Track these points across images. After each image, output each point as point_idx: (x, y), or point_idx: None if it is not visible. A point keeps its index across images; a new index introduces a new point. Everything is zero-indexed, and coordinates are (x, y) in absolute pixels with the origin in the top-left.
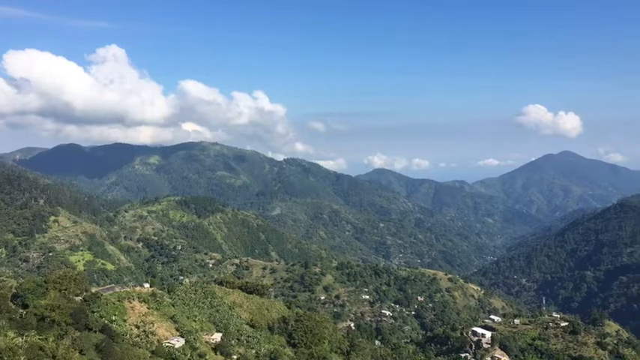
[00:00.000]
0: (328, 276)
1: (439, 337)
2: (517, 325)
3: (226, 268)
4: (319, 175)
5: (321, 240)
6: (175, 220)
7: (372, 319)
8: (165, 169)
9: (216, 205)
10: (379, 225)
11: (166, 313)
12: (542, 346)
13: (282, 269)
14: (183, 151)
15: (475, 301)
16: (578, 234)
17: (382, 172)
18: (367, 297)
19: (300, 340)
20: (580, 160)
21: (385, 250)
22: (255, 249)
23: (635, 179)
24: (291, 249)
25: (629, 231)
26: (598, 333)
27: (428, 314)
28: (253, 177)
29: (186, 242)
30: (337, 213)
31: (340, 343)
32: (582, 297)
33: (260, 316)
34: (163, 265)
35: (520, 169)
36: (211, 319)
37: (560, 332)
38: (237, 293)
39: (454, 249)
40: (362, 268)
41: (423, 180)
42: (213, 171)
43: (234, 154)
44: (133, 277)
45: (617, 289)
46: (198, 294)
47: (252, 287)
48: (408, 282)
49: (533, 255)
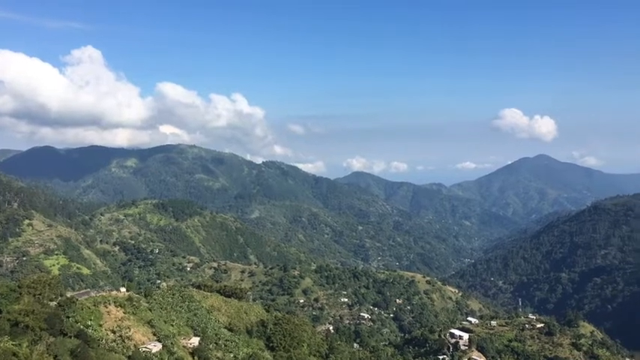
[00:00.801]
0: (307, 279)
1: (417, 339)
2: (494, 327)
3: (204, 271)
4: (298, 178)
5: (300, 243)
6: (153, 223)
7: (350, 322)
8: (143, 172)
9: (194, 208)
10: (358, 228)
11: (143, 317)
12: (518, 348)
13: (260, 272)
14: (160, 154)
15: (453, 304)
16: (553, 236)
17: (361, 175)
18: (346, 300)
19: (279, 343)
20: (555, 164)
21: (364, 252)
22: (233, 252)
23: (609, 182)
24: (270, 252)
25: (603, 233)
26: (573, 334)
27: (406, 317)
28: (232, 180)
29: (163, 246)
30: (316, 216)
31: (319, 346)
32: (557, 298)
33: (238, 319)
34: (140, 269)
35: (497, 172)
36: (189, 323)
37: (536, 333)
38: (216, 297)
39: (432, 251)
40: (341, 271)
41: (401, 183)
42: (192, 174)
43: (212, 156)
44: (109, 281)
45: (591, 290)
46: (175, 298)
47: (230, 291)
48: (387, 285)
49: (509, 257)
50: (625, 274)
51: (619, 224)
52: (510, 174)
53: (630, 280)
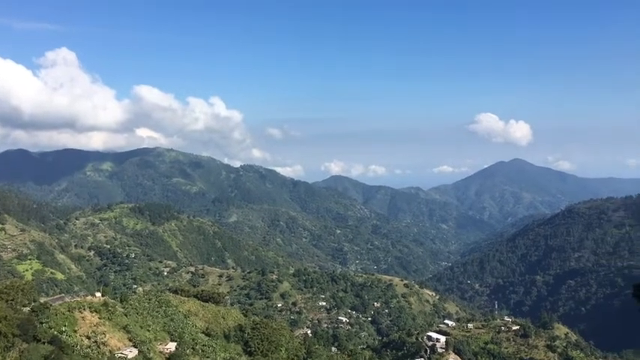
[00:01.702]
0: (285, 283)
1: (395, 342)
2: (470, 330)
3: (181, 276)
4: (276, 181)
5: (278, 247)
6: (129, 227)
7: (328, 326)
8: (119, 175)
9: (172, 212)
10: (336, 231)
11: (119, 323)
12: (494, 350)
13: (238, 277)
14: (137, 158)
15: (430, 307)
16: (528, 239)
17: (339, 179)
18: (324, 303)
19: (257, 348)
20: (530, 168)
21: (342, 256)
22: (211, 256)
23: (583, 186)
24: (248, 256)
25: (577, 236)
26: (548, 336)
27: (384, 320)
28: (209, 183)
29: (140, 250)
30: (294, 220)
31: (297, 350)
32: (533, 301)
33: (216, 324)
34: (116, 273)
35: (473, 176)
36: (166, 329)
37: (512, 336)
38: (193, 302)
39: (410, 255)
40: (319, 274)
41: (379, 187)
42: (169, 177)
43: (189, 160)
44: (84, 286)
45: (565, 292)
46: (152, 303)
47: (207, 295)
48: (365, 288)
49: (485, 260)
50: (598, 277)
51: (592, 227)
52: (486, 178)
53: (603, 283)
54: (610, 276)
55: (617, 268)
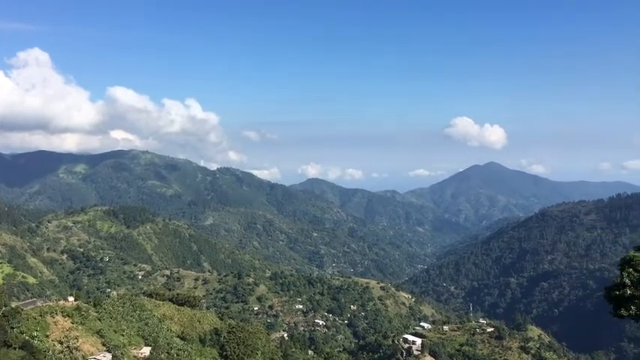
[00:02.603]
0: (262, 286)
1: (371, 345)
2: (446, 332)
3: (156, 279)
4: (253, 184)
5: (255, 250)
6: (103, 230)
7: (305, 329)
8: (93, 177)
9: (147, 215)
10: (313, 234)
11: (92, 327)
12: (469, 352)
13: (214, 280)
14: (111, 160)
15: (406, 309)
16: (502, 242)
17: (316, 182)
18: (301, 307)
19: (233, 351)
20: (504, 171)
21: (319, 259)
22: (186, 260)
23: (556, 190)
24: (224, 259)
25: (550, 239)
26: (522, 337)
27: (360, 323)
28: (185, 186)
29: (114, 253)
30: (271, 223)
31: (273, 353)
32: (507, 303)
33: (191, 328)
34: (89, 277)
35: (449, 180)
36: (140, 333)
37: (487, 337)
38: (168, 305)
39: (386, 258)
40: (296, 277)
41: (356, 190)
42: (144, 180)
43: (165, 162)
44: (56, 290)
45: (538, 294)
46: (126, 307)
47: (183, 299)
48: (342, 291)
49: (461, 263)
50: (571, 279)
51: (565, 230)
52: (462, 181)
53: (575, 285)
54: (582, 278)
55: (589, 270)
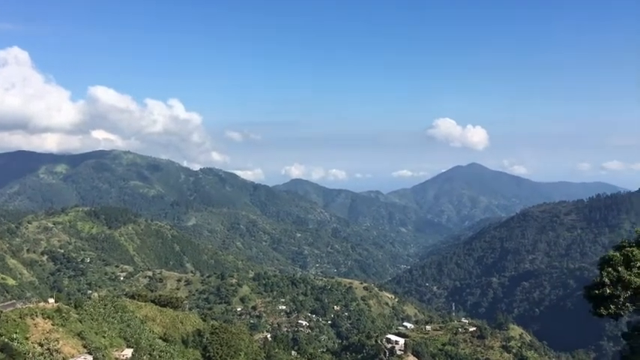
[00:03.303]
0: (245, 287)
1: (354, 345)
2: (429, 332)
3: (138, 280)
4: (236, 185)
5: (238, 251)
6: (84, 231)
7: (288, 330)
8: (74, 178)
9: (129, 216)
10: (296, 235)
11: (73, 329)
12: (451, 351)
13: (197, 281)
14: (93, 160)
15: (389, 309)
16: (484, 242)
17: (299, 183)
18: (284, 307)
19: (216, 352)
20: (486, 172)
21: (302, 260)
22: (169, 261)
23: (536, 190)
24: (207, 260)
25: (531, 239)
26: (503, 337)
27: (344, 323)
28: (168, 187)
29: (95, 254)
30: (254, 223)
31: (256, 354)
32: (489, 302)
33: (174, 329)
34: (70, 278)
35: (432, 180)
36: (122, 335)
37: (469, 337)
38: (150, 307)
39: (369, 258)
40: (279, 278)
41: (339, 190)
42: (126, 180)
43: (147, 163)
44: (36, 292)
45: (520, 294)
46: (107, 308)
47: (165, 300)
48: (325, 291)
49: (443, 263)
50: (551, 278)
51: (545, 230)
52: (444, 182)
53: (556, 284)
54: (562, 277)
55: (570, 269)
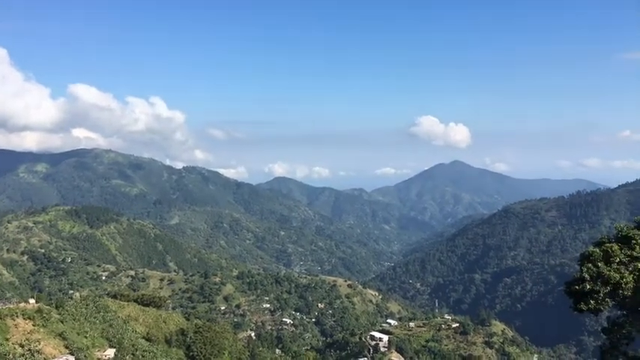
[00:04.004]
0: (228, 285)
1: (339, 342)
2: (412, 328)
3: (121, 280)
4: (219, 183)
5: (222, 249)
6: (65, 230)
7: (272, 328)
8: (54, 177)
9: (110, 215)
10: (280, 233)
11: (54, 329)
12: (435, 347)
13: (180, 280)
14: (73, 159)
15: (373, 306)
16: (467, 239)
17: (283, 181)
18: (268, 305)
19: (199, 352)
20: (469, 169)
21: (286, 258)
22: (152, 260)
23: (518, 187)
24: (191, 259)
25: (513, 235)
26: (486, 332)
27: (328, 321)
28: (150, 185)
29: (76, 254)
30: (238, 222)
31: (240, 353)
32: (471, 298)
33: (157, 329)
34: (51, 278)
35: (415, 178)
36: (104, 335)
37: (452, 333)
38: (133, 306)
39: (353, 256)
40: (263, 276)
41: (323, 188)
42: (107, 179)
43: (129, 161)
44: (16, 292)
45: (502, 290)
46: (89, 308)
47: (148, 299)
48: (309, 289)
49: (426, 260)
50: (532, 274)
51: (527, 227)
52: (427, 179)
53: (537, 280)
54: (544, 273)
55: (550, 265)
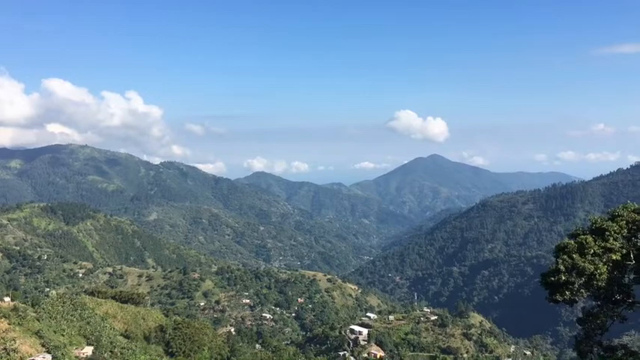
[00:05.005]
0: (208, 281)
1: (319, 336)
2: (391, 321)
3: (98, 277)
4: (198, 178)
5: (201, 245)
6: (40, 228)
7: (252, 323)
8: (29, 173)
9: (87, 212)
10: (259, 228)
11: (30, 328)
12: (414, 340)
13: (159, 276)
14: (48, 155)
15: (353, 300)
16: (445, 232)
17: (262, 176)
18: (248, 301)
19: (179, 348)
20: (447, 163)
21: (266, 253)
22: (130, 256)
23: (495, 180)
24: (169, 255)
25: (490, 228)
26: (464, 324)
27: (308, 315)
28: (128, 181)
29: (52, 251)
30: (217, 217)
31: (220, 348)
32: (450, 291)
33: (135, 326)
34: (27, 276)
35: (393, 172)
36: (81, 332)
37: (431, 326)
38: (111, 303)
39: (333, 250)
40: (242, 272)
41: (302, 183)
42: (83, 175)
43: (106, 157)
44: None
45: (480, 282)
46: (66, 306)
47: (126, 296)
48: (289, 284)
49: (405, 253)
50: (509, 267)
51: (504, 219)
52: (406, 173)
53: (514, 272)
54: (520, 265)
55: (527, 257)
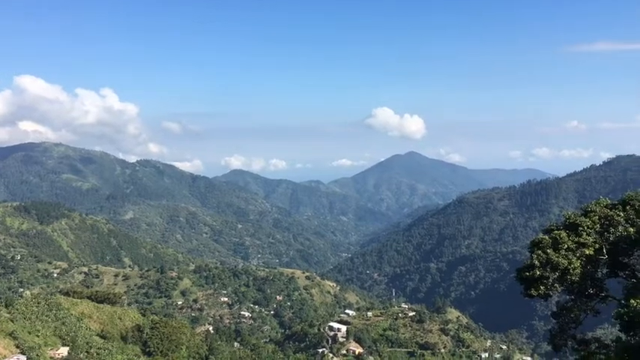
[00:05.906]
0: (185, 280)
1: (297, 334)
2: (370, 318)
3: (73, 277)
4: (175, 176)
5: (178, 243)
6: (13, 227)
7: (231, 322)
8: (1, 172)
9: (62, 210)
10: (237, 226)
11: (4, 329)
12: (392, 336)
13: (135, 275)
14: (21, 153)
15: (331, 297)
16: (423, 229)
17: (240, 173)
18: (226, 299)
19: (156, 347)
20: (424, 160)
21: (244, 251)
22: (106, 256)
23: (472, 177)
24: (146, 254)
25: (467, 224)
26: (441, 320)
27: (286, 313)
28: (103, 180)
29: (26, 251)
30: (194, 215)
31: (198, 347)
32: (427, 287)
33: (112, 325)
34: (0, 277)
35: (371, 169)
36: (57, 333)
37: (409, 322)
38: (86, 303)
39: (311, 247)
40: (220, 270)
41: (280, 180)
42: (58, 174)
43: (80, 155)
44: None
45: (457, 278)
46: (41, 307)
47: (102, 296)
48: (267, 282)
49: (383, 250)
50: (486, 262)
51: (480, 216)
52: (384, 170)
53: (490, 268)
54: (496, 261)
55: (503, 253)
